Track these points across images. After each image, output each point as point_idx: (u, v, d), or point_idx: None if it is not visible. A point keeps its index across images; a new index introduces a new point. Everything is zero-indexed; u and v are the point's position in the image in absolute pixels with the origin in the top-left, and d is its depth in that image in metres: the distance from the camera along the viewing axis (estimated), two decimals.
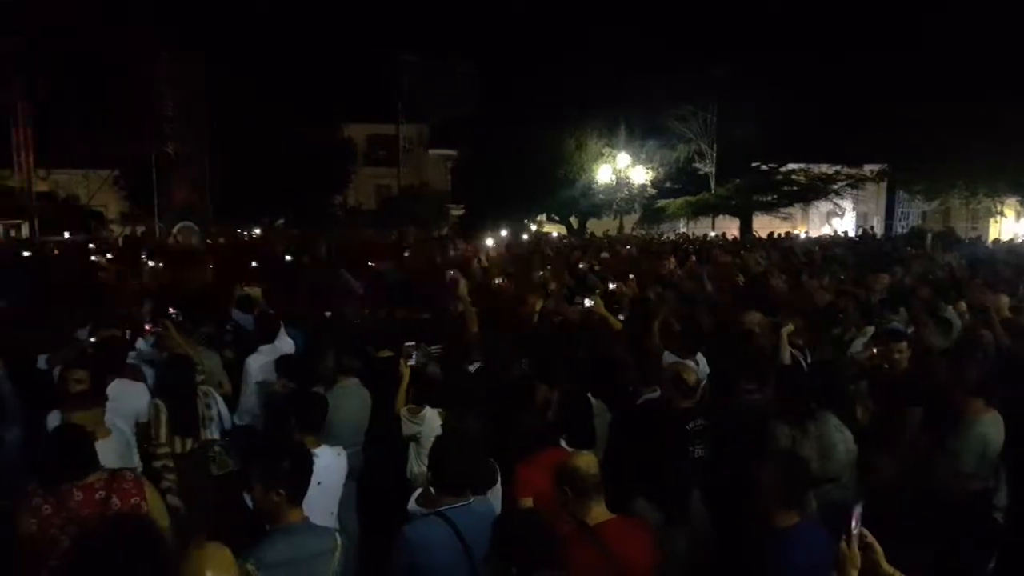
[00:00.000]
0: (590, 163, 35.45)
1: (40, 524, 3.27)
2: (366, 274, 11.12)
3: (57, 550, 3.24)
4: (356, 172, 39.24)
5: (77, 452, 3.45)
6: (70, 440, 3.50)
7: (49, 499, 3.32)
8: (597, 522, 3.23)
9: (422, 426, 4.65)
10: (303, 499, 3.23)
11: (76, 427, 3.65)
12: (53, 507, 3.30)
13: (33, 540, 3.26)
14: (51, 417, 4.33)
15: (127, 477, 3.51)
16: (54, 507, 3.30)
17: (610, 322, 6.78)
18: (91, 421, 3.94)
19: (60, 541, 3.26)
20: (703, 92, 33.04)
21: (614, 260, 14.17)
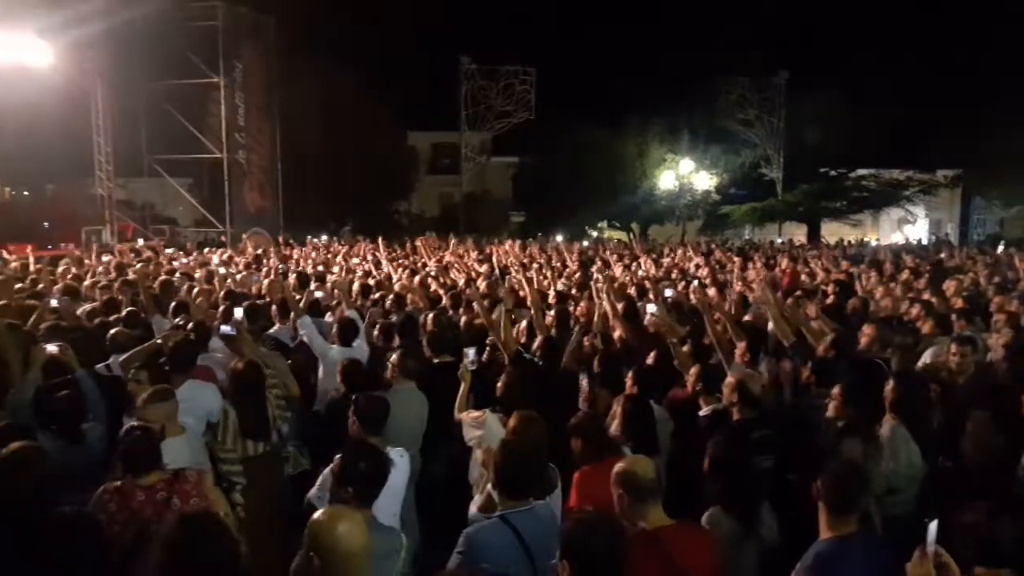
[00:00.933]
0: (652, 169, 35.17)
1: (107, 519, 3.38)
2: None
3: (120, 546, 3.34)
4: (420, 180, 39.80)
5: (139, 451, 3.57)
6: (132, 439, 3.61)
7: (115, 496, 3.44)
8: (655, 526, 3.21)
9: (484, 431, 4.67)
10: (374, 500, 3.30)
11: (141, 427, 3.76)
12: (118, 504, 3.42)
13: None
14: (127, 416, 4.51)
15: (189, 478, 3.60)
16: (119, 504, 3.42)
17: (673, 329, 6.70)
18: (163, 418, 4.06)
19: (123, 538, 3.37)
20: (770, 96, 32.46)
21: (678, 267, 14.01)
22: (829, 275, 11.63)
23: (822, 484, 3.15)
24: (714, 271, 12.58)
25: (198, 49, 21.90)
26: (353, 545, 2.68)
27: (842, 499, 3.13)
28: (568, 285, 10.40)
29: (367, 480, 3.29)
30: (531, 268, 11.99)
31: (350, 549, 2.67)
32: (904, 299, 8.56)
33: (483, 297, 7.75)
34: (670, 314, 7.18)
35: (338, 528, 2.67)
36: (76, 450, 4.11)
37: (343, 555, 2.65)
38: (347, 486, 3.26)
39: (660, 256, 16.55)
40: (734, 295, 8.76)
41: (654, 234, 36.84)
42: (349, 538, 2.67)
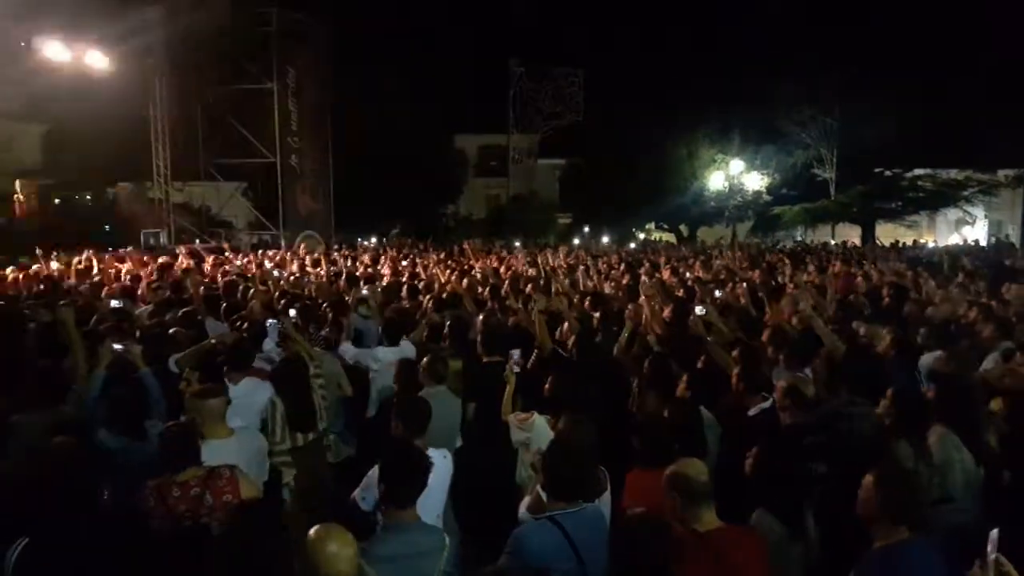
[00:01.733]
0: (702, 170, 34.81)
1: (148, 515, 3.48)
2: None
3: (158, 540, 3.42)
4: (467, 182, 40.05)
5: (176, 448, 3.66)
6: (171, 436, 3.71)
7: (154, 492, 3.53)
8: (707, 529, 3.21)
9: (531, 433, 4.68)
10: (416, 500, 3.35)
11: (180, 424, 3.86)
12: (156, 500, 3.51)
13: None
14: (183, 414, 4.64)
15: (223, 475, 3.66)
16: (156, 500, 3.51)
17: (721, 331, 6.64)
18: (206, 417, 4.18)
19: (161, 532, 3.46)
20: (823, 95, 31.80)
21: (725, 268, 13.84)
22: (884, 278, 11.36)
23: (876, 489, 3.09)
24: (765, 274, 12.39)
25: (253, 55, 22.39)
26: (339, 569, 2.68)
27: (896, 505, 3.07)
28: (615, 288, 10.36)
29: (408, 481, 3.34)
30: (578, 271, 11.98)
31: (336, 572, 2.67)
32: (962, 302, 8.33)
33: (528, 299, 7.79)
34: (720, 316, 7.11)
35: (326, 549, 2.69)
36: (138, 447, 4.23)
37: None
38: (388, 486, 3.32)
39: (710, 258, 16.36)
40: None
41: (703, 235, 36.46)
42: (334, 561, 2.68)
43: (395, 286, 9.89)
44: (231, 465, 3.76)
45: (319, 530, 2.76)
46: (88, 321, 6.57)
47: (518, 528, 3.40)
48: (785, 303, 7.77)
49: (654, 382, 5.15)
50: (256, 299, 7.95)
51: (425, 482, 3.37)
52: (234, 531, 2.71)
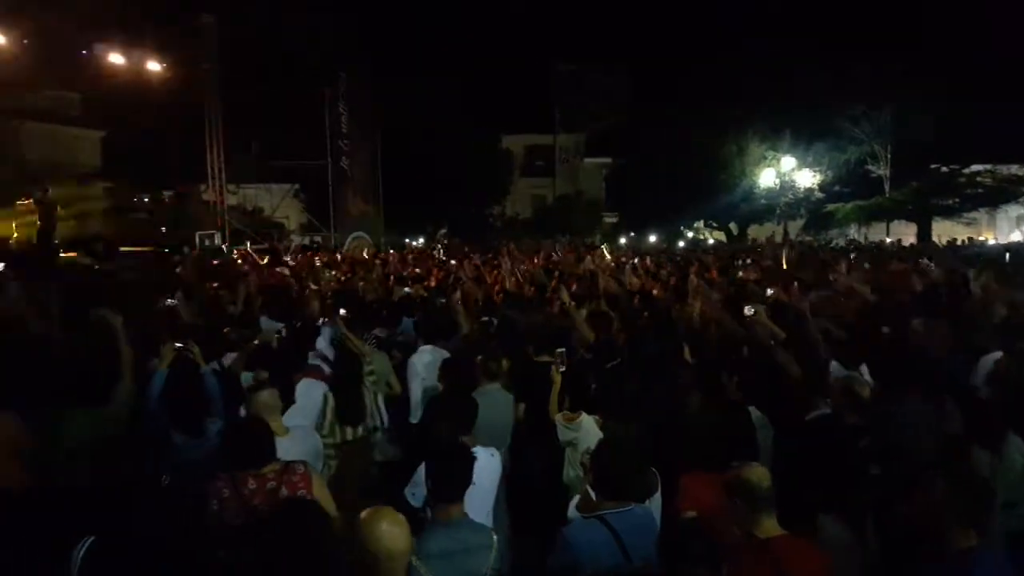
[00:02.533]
0: (752, 167, 34.26)
1: (219, 505, 3.57)
2: None
3: (231, 531, 3.50)
4: (514, 182, 40.13)
5: (255, 443, 3.72)
6: (251, 432, 3.79)
7: (229, 484, 3.60)
8: (767, 536, 3.16)
9: (579, 432, 4.68)
10: (462, 496, 3.38)
11: (259, 420, 3.95)
12: (231, 492, 3.58)
13: (213, 521, 3.55)
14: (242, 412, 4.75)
15: (297, 470, 3.74)
16: (232, 492, 3.58)
17: (773, 331, 6.54)
18: (266, 413, 4.22)
19: (234, 524, 3.53)
20: (877, 90, 30.99)
21: (776, 267, 13.61)
22: (942, 276, 11.04)
23: (948, 496, 3.01)
24: (818, 272, 12.14)
25: (304, 61, 22.82)
26: (391, 546, 2.72)
27: (971, 513, 2.98)
28: (663, 287, 10.29)
29: (454, 479, 3.36)
30: (624, 270, 11.91)
31: (388, 549, 2.71)
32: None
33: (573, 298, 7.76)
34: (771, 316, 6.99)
35: (379, 526, 2.73)
36: (196, 444, 4.36)
37: (381, 553, 2.70)
38: (434, 483, 3.36)
39: (760, 258, 16.10)
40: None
41: (754, 233, 35.89)
42: (386, 538, 2.71)
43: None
44: (304, 461, 3.84)
45: (372, 510, 2.82)
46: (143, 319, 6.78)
47: (567, 526, 3.41)
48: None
49: (704, 383, 5.10)
50: (310, 299, 8.09)
51: (470, 478, 3.39)
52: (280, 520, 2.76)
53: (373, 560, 2.71)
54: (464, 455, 3.45)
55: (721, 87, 31.47)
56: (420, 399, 6.14)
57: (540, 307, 8.53)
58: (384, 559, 2.72)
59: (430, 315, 7.38)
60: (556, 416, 4.94)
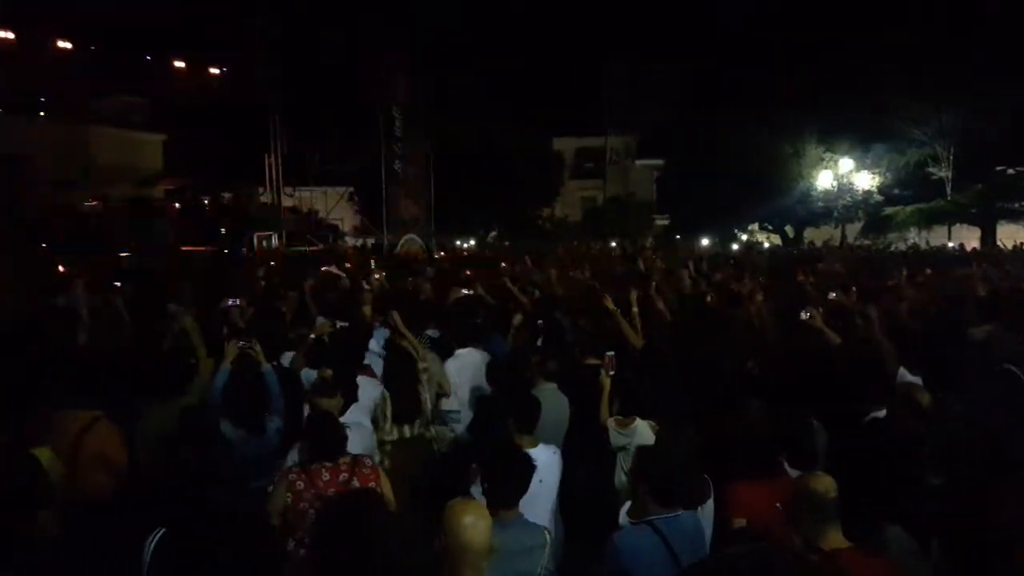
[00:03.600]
0: (808, 169, 33.58)
1: (293, 497, 3.70)
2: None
3: (305, 522, 3.63)
4: (564, 185, 40.05)
5: (330, 436, 3.86)
6: (325, 425, 3.92)
7: (303, 476, 3.74)
8: (832, 548, 3.08)
9: (633, 438, 4.65)
10: (519, 498, 3.40)
11: (331, 414, 4.07)
12: (305, 483, 3.72)
13: (286, 511, 3.68)
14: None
15: (367, 464, 3.87)
16: (306, 483, 3.72)
17: (828, 336, 6.42)
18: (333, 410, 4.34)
19: (307, 514, 3.65)
20: (940, 90, 30.04)
21: (832, 271, 13.34)
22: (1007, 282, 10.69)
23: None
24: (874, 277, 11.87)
25: (360, 66, 23.21)
26: (471, 538, 2.75)
27: None
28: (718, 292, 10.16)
29: (511, 483, 3.39)
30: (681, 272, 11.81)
31: (468, 541, 2.75)
32: None
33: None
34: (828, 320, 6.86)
35: (463, 519, 2.77)
36: (256, 440, 4.48)
37: (461, 545, 2.74)
38: (491, 486, 3.39)
39: (818, 260, 15.80)
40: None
41: (810, 237, 35.16)
42: (470, 531, 2.75)
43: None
44: (370, 456, 3.97)
45: (458, 502, 2.87)
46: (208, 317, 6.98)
47: (616, 532, 3.41)
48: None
49: (759, 388, 5.04)
50: (365, 299, 8.22)
51: (527, 485, 3.42)
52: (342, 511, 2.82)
53: (459, 552, 2.75)
54: (523, 460, 3.47)
55: (777, 87, 30.93)
56: (454, 405, 6.15)
57: (588, 311, 8.51)
58: (468, 551, 2.76)
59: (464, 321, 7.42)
60: (608, 421, 4.92)
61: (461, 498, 2.90)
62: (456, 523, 2.77)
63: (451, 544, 2.76)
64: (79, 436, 4.05)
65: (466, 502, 2.89)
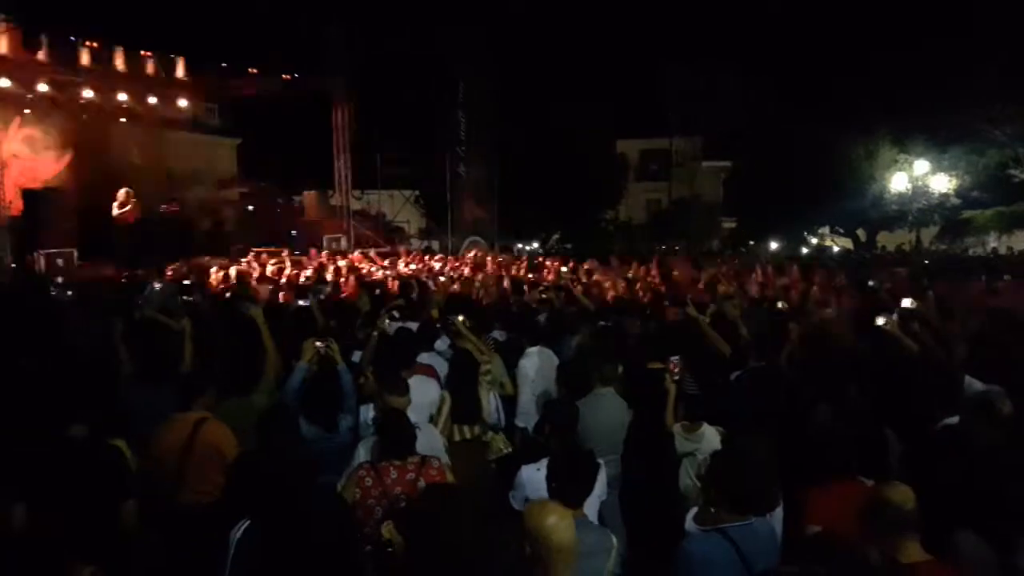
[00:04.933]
0: (881, 171, 32.55)
1: (362, 493, 3.78)
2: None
3: (372, 518, 3.70)
4: (628, 187, 39.78)
5: (399, 435, 3.94)
6: (396, 424, 4.00)
7: (372, 473, 3.83)
8: (911, 561, 3.01)
9: (700, 443, 4.61)
10: (585, 498, 3.41)
11: (401, 413, 4.14)
12: (374, 480, 3.80)
13: (355, 506, 3.76)
14: (365, 409, 4.98)
15: (434, 464, 3.94)
16: (374, 480, 3.80)
17: (903, 344, 6.23)
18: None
19: (375, 511, 3.74)
20: (1020, 89, 28.70)
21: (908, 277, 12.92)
22: None
23: None
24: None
25: (426, 70, 23.58)
26: (561, 539, 2.76)
27: None
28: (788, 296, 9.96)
29: (579, 482, 3.42)
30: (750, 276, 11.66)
31: (558, 543, 2.76)
32: None
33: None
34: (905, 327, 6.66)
35: (547, 521, 2.77)
36: (329, 437, 4.61)
37: (552, 547, 2.75)
38: (558, 484, 3.42)
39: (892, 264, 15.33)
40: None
41: (883, 241, 34.10)
42: (556, 532, 2.76)
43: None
44: (437, 456, 4.03)
45: (539, 505, 2.90)
46: (280, 317, 7.19)
47: (686, 538, 3.38)
48: None
49: (831, 395, 4.93)
50: (430, 300, 8.35)
51: (593, 483, 3.44)
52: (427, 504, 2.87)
53: (553, 554, 2.76)
54: (589, 461, 3.49)
55: (849, 87, 30.08)
56: (530, 402, 6.24)
57: (655, 314, 8.47)
58: (561, 551, 2.77)
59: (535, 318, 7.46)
60: (675, 426, 4.89)
61: (538, 500, 2.91)
62: (542, 526, 2.77)
63: (542, 548, 2.75)
64: (191, 437, 4.25)
65: (545, 504, 2.89)
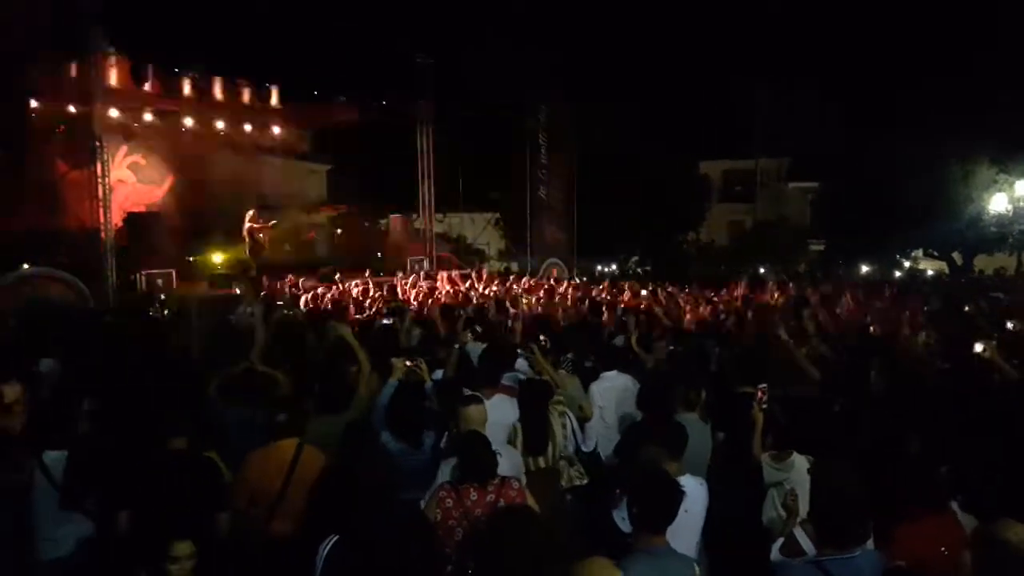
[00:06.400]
0: (979, 191, 31.06)
1: (443, 514, 3.82)
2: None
3: (452, 539, 3.75)
4: (710, 208, 39.20)
5: (478, 459, 3.97)
6: (477, 447, 4.04)
7: (452, 494, 3.88)
8: None
9: (789, 473, 4.49)
10: (667, 525, 3.39)
11: (484, 437, 4.16)
12: (454, 502, 3.85)
13: (435, 527, 3.77)
14: None
15: (513, 486, 3.96)
16: (455, 502, 3.85)
17: (1005, 372, 5.94)
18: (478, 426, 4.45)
19: (455, 532, 3.78)
20: None
21: None
22: None
23: None
24: None
25: (508, 94, 23.93)
26: None
27: None
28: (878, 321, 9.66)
29: (661, 509, 3.37)
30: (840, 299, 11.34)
31: None
32: None
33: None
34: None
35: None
36: (414, 454, 4.72)
37: None
38: (640, 510, 3.39)
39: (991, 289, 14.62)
40: None
41: (980, 264, 32.46)
42: None
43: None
44: (517, 478, 4.06)
45: (588, 563, 2.82)
46: (366, 336, 7.39)
47: (779, 572, 3.31)
48: None
49: (926, 423, 4.75)
50: (512, 322, 8.44)
51: (676, 510, 3.39)
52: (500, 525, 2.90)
53: None
54: (672, 486, 3.45)
55: (944, 104, 28.89)
56: (600, 427, 6.14)
57: (737, 338, 8.34)
58: None
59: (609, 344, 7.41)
60: (763, 455, 4.78)
61: (589, 559, 2.85)
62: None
63: None
64: (292, 465, 4.34)
65: (594, 561, 2.82)
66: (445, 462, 4.40)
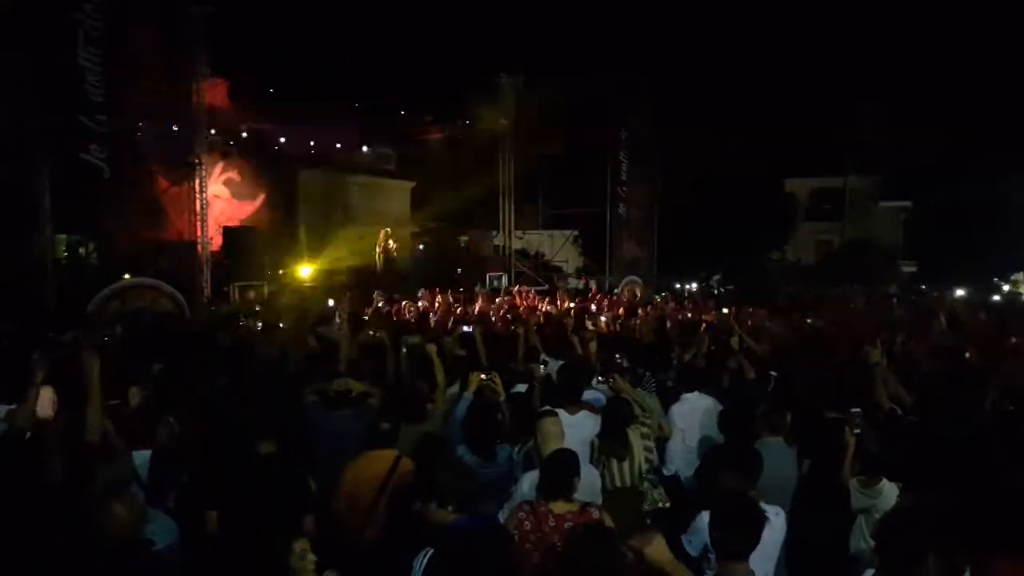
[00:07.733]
0: None
1: (520, 536, 3.73)
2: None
3: (528, 563, 3.66)
4: (796, 227, 38.16)
5: (561, 476, 3.92)
6: (561, 464, 3.98)
7: (531, 516, 3.79)
8: None
9: (878, 500, 4.33)
10: (750, 551, 3.31)
11: (570, 453, 4.10)
12: (532, 525, 3.77)
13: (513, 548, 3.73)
14: None
15: (593, 514, 3.84)
16: (533, 525, 3.77)
17: None
18: (544, 443, 4.43)
19: (531, 555, 3.70)
20: None
21: None
22: None
23: None
24: None
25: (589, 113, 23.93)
26: None
27: None
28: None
29: (743, 535, 3.29)
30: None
31: None
32: None
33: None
34: None
35: None
36: (488, 466, 4.75)
37: None
38: (721, 536, 3.32)
39: None
40: None
41: None
42: None
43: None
44: (600, 505, 3.98)
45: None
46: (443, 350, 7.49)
47: None
48: None
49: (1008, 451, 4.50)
50: (590, 339, 8.41)
51: (759, 536, 3.31)
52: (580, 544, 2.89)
53: None
54: (756, 512, 3.38)
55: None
56: (680, 450, 6.08)
57: (826, 360, 8.09)
58: None
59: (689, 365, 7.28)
60: (852, 481, 4.62)
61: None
62: None
63: None
64: (389, 475, 4.40)
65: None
66: (526, 475, 4.40)
